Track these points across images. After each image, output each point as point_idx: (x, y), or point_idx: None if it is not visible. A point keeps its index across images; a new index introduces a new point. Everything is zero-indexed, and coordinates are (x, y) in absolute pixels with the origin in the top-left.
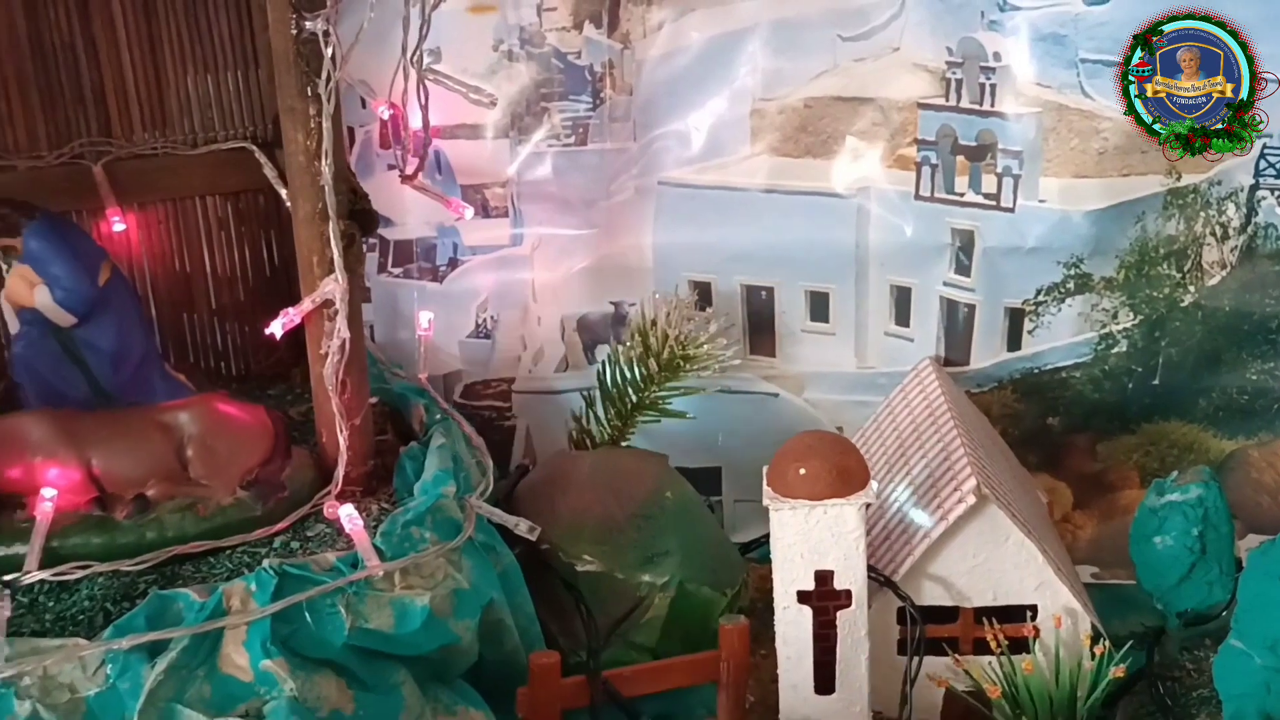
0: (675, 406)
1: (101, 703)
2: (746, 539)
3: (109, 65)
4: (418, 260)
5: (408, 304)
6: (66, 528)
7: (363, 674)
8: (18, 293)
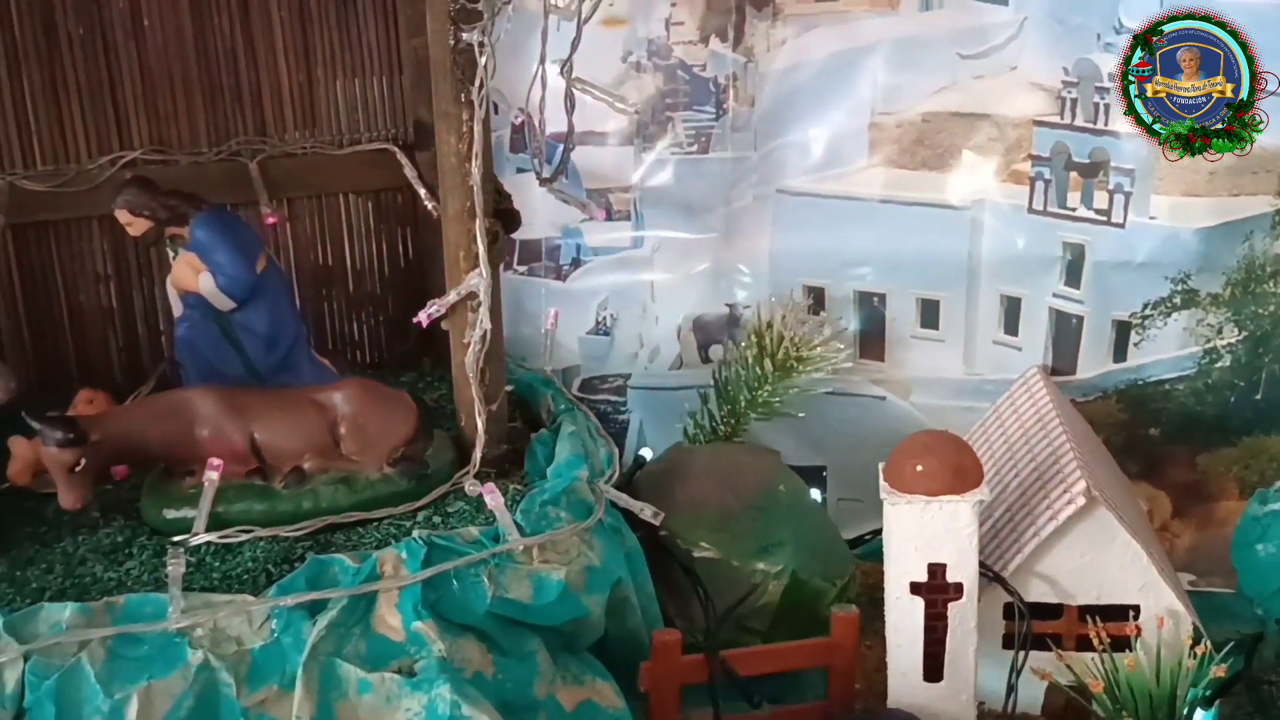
0: (786, 407)
1: (265, 655)
2: (850, 536)
3: (266, 69)
4: (543, 259)
5: (532, 300)
6: (230, 494)
7: (501, 640)
8: (183, 278)
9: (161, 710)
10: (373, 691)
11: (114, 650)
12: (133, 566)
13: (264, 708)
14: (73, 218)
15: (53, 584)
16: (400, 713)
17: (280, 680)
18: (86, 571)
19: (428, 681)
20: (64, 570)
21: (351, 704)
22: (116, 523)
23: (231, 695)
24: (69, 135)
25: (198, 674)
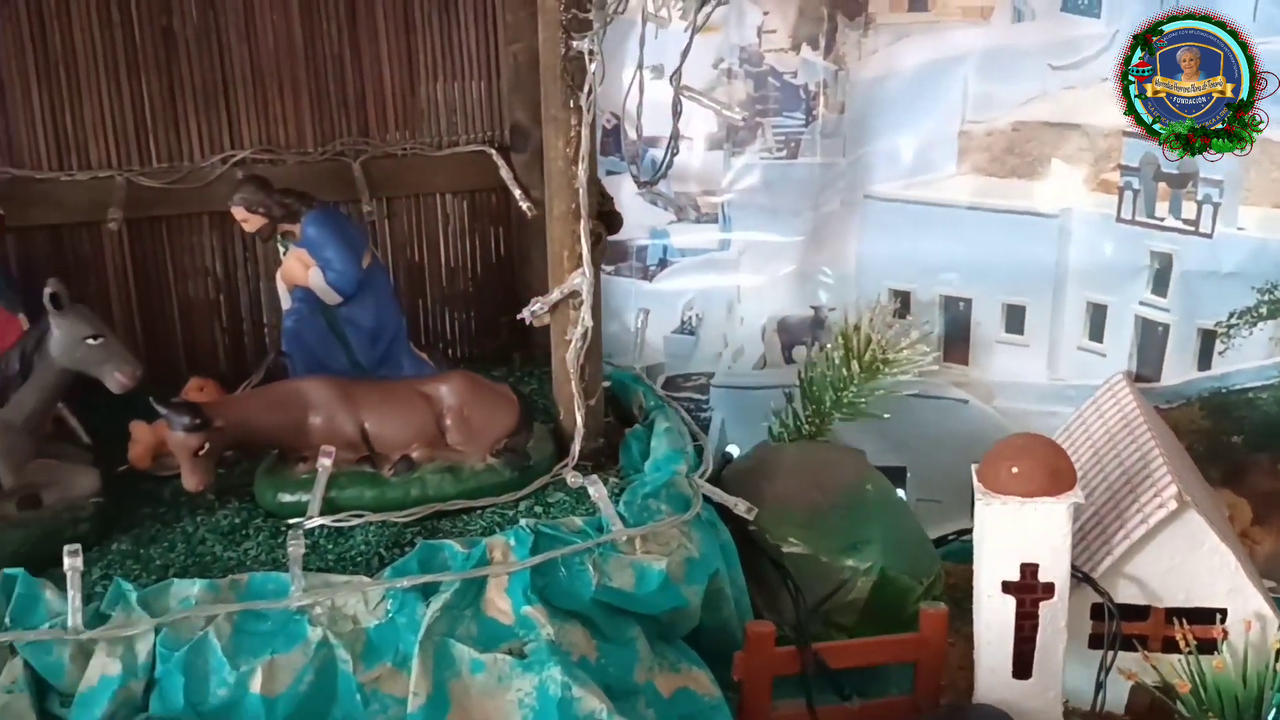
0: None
1: (380, 633)
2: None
3: (370, 73)
4: (630, 260)
5: (620, 300)
6: (342, 481)
7: (604, 627)
8: (293, 273)
9: (284, 683)
10: (485, 671)
11: (239, 625)
12: (250, 547)
13: (379, 684)
14: (184, 213)
15: (176, 561)
16: (511, 692)
17: (394, 658)
18: (207, 550)
19: (538, 663)
20: (185, 549)
21: (464, 683)
22: (232, 505)
23: (348, 671)
24: (183, 134)
25: (317, 650)
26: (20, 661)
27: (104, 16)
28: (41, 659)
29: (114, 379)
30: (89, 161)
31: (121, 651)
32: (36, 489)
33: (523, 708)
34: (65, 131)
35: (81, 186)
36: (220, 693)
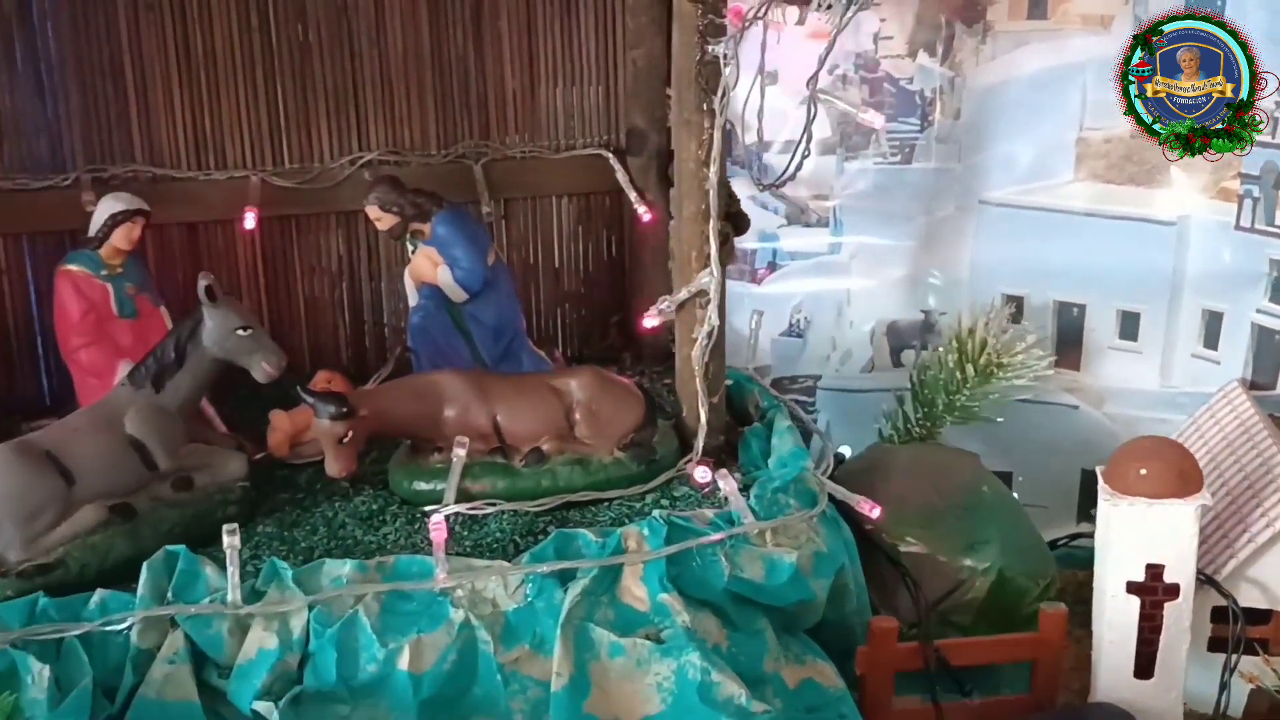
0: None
1: (519, 617)
2: None
3: (492, 77)
4: (739, 263)
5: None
6: (476, 471)
7: (734, 616)
8: (422, 270)
9: (429, 661)
10: (624, 655)
11: (386, 605)
12: (389, 532)
13: (518, 665)
14: (313, 213)
15: (319, 544)
16: (650, 676)
17: (531, 641)
18: (347, 534)
19: (676, 649)
20: (327, 532)
21: (603, 666)
22: (367, 492)
23: (489, 652)
24: (314, 136)
25: (460, 630)
26: (181, 634)
27: (243, 23)
28: (201, 632)
29: (261, 369)
30: (225, 161)
31: (278, 626)
32: (189, 472)
33: (661, 691)
34: (204, 133)
35: (218, 185)
36: (370, 668)
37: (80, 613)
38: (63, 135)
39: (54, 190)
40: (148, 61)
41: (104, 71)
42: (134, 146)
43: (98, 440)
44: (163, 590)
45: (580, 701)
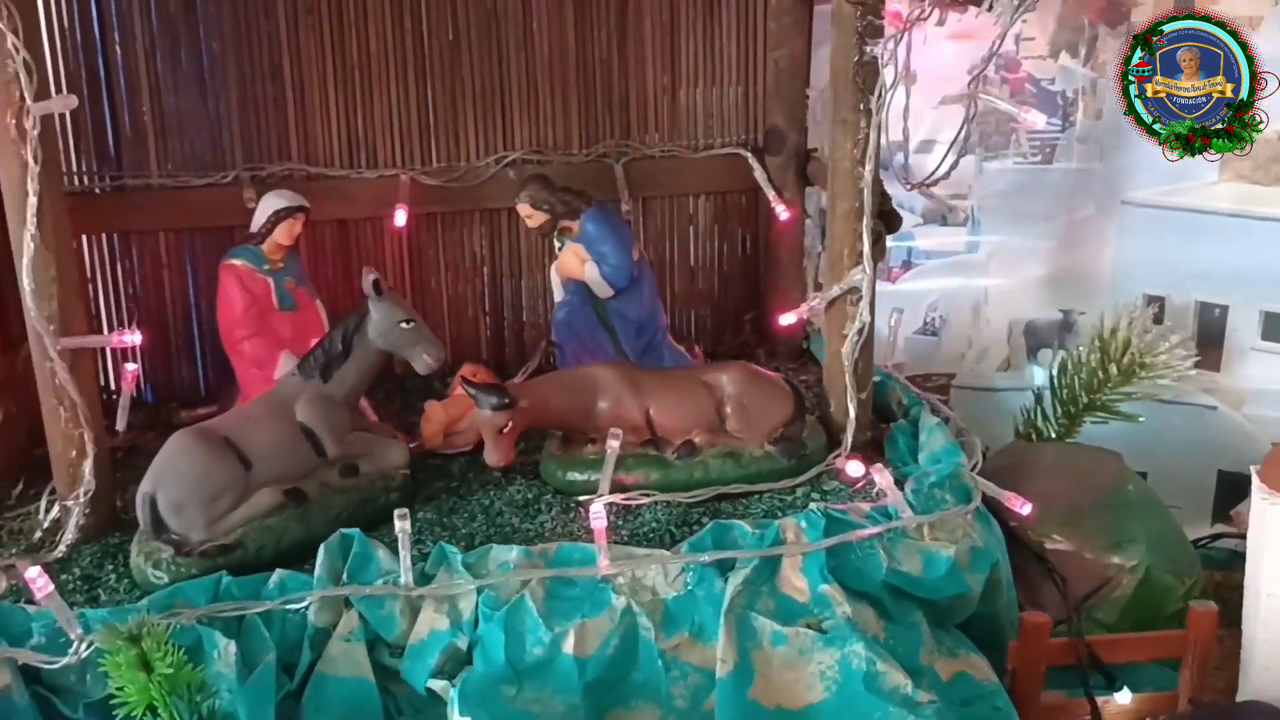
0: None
1: (678, 605)
2: None
3: (635, 77)
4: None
5: None
6: (630, 462)
7: (891, 609)
8: (569, 267)
9: (593, 646)
10: (787, 644)
11: (551, 590)
12: (545, 520)
13: (678, 652)
14: (458, 210)
15: (479, 531)
16: (812, 665)
17: (690, 629)
18: (505, 522)
19: (840, 639)
20: (485, 519)
21: (765, 654)
22: (519, 482)
23: (650, 638)
24: (462, 136)
25: (622, 617)
26: (356, 614)
27: (397, 26)
28: (374, 612)
29: (422, 360)
30: (376, 160)
31: (448, 609)
32: (355, 459)
33: (824, 679)
34: (357, 132)
35: (369, 184)
36: (536, 651)
37: (260, 591)
38: (223, 134)
39: (214, 188)
40: (305, 63)
41: (264, 73)
42: (290, 145)
43: (271, 427)
44: (338, 572)
45: (745, 689)
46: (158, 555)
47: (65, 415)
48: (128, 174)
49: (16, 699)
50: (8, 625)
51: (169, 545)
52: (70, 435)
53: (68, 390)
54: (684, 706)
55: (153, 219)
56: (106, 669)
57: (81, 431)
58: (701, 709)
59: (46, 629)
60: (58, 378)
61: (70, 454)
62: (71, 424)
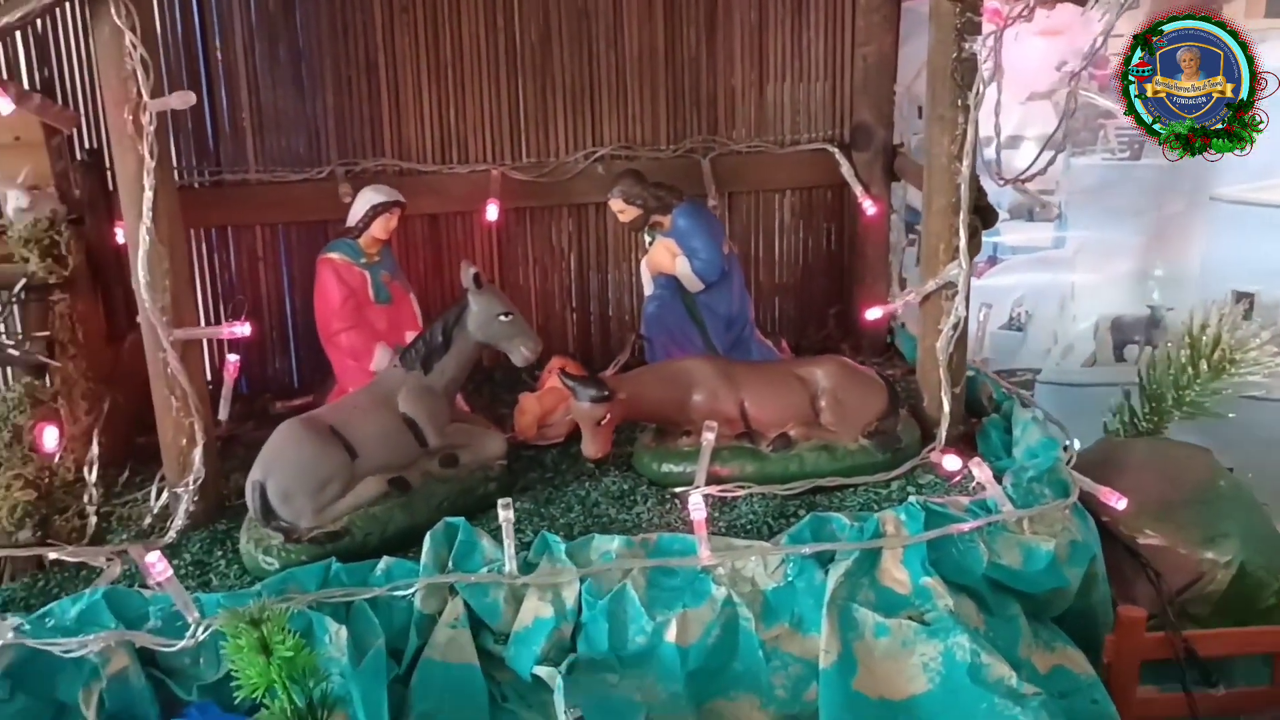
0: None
1: (777, 596)
2: None
3: (723, 74)
4: None
5: None
6: (725, 454)
7: (990, 602)
8: (660, 261)
9: (694, 635)
10: (889, 635)
11: (652, 580)
12: (641, 511)
13: (778, 642)
14: (547, 205)
15: (577, 521)
16: (915, 656)
17: (790, 620)
18: (601, 513)
19: (943, 630)
20: (582, 510)
21: (868, 645)
22: (613, 474)
23: (750, 629)
24: (552, 132)
25: (723, 607)
26: (460, 601)
27: (489, 24)
28: (479, 600)
29: (519, 353)
30: (468, 156)
31: (551, 597)
32: (455, 449)
33: (928, 671)
34: (449, 128)
35: (460, 179)
36: (639, 640)
37: (368, 578)
38: (319, 130)
39: (310, 183)
40: (400, 60)
41: (359, 70)
42: (384, 141)
43: (375, 418)
44: (443, 559)
45: (849, 680)
46: (267, 542)
47: (176, 404)
48: (226, 169)
49: (134, 680)
50: (124, 609)
51: (278, 532)
52: (181, 424)
53: (179, 380)
54: (784, 696)
55: (250, 213)
56: (228, 652)
57: (192, 420)
58: (802, 699)
59: (163, 612)
60: (170, 368)
61: (181, 442)
62: (182, 413)
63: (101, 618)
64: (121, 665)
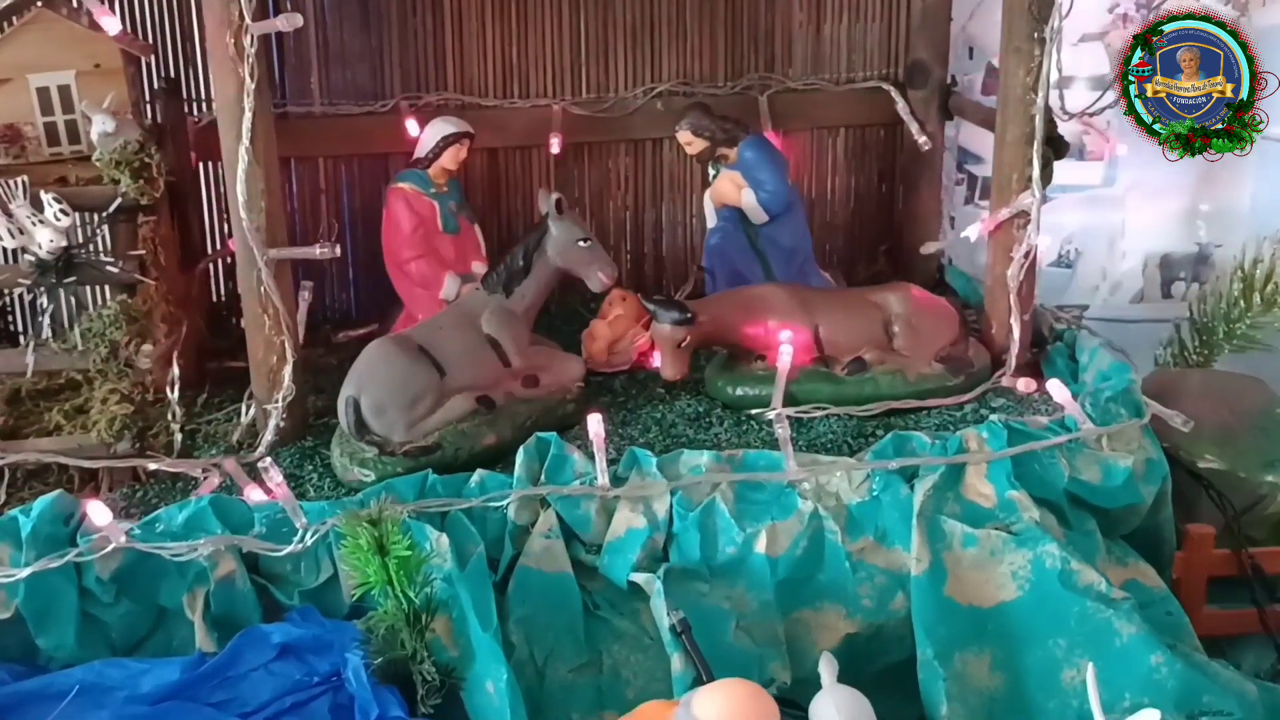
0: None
1: (862, 510)
2: None
3: (781, 12)
4: None
5: None
6: (801, 377)
7: (1070, 517)
8: (725, 193)
9: (783, 546)
10: (977, 545)
11: (740, 493)
12: (719, 432)
13: (863, 555)
14: (605, 140)
15: (656, 441)
16: (1004, 565)
17: (874, 533)
18: (679, 433)
19: (1031, 539)
20: (659, 431)
21: (956, 555)
22: (683, 398)
23: (836, 541)
24: (612, 68)
25: (809, 520)
26: (553, 513)
27: None
28: (571, 511)
29: (596, 278)
30: (529, 91)
31: (643, 509)
32: (536, 371)
33: (1016, 579)
34: (511, 63)
35: (521, 113)
36: (729, 550)
37: (462, 490)
38: (383, 64)
39: (373, 116)
40: None
41: (423, 4)
42: (447, 75)
43: (460, 337)
44: (535, 473)
45: (940, 587)
46: (362, 455)
47: (269, 322)
48: (291, 101)
49: (239, 585)
50: (229, 516)
51: (372, 446)
52: (271, 342)
53: (272, 298)
54: (870, 606)
55: (314, 145)
56: (345, 551)
57: (283, 339)
58: (888, 608)
59: (267, 519)
60: (263, 286)
61: (271, 360)
62: (274, 331)
63: (208, 524)
64: (229, 570)
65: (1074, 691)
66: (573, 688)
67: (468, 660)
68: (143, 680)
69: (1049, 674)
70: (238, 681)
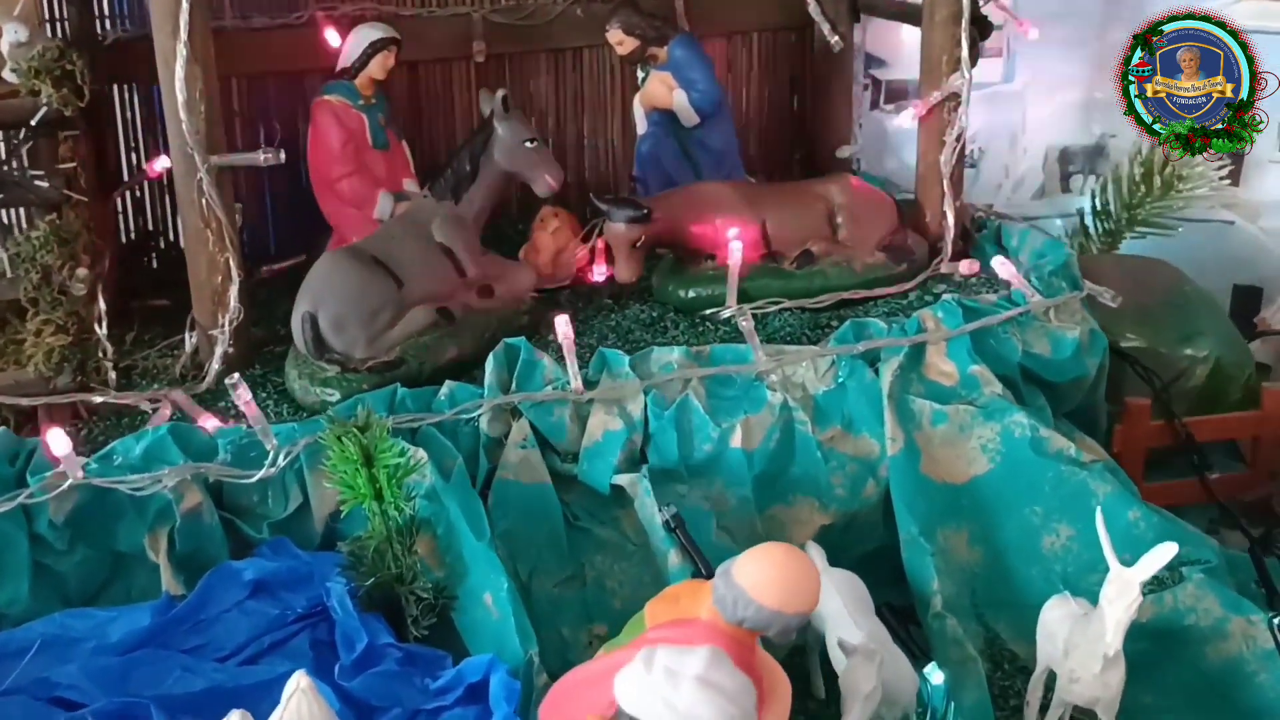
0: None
1: (828, 399)
2: None
3: None
4: (909, 97)
5: (896, 137)
6: (751, 274)
7: (1024, 393)
8: (655, 95)
9: (757, 439)
10: (946, 422)
11: (710, 390)
12: (676, 335)
13: (833, 443)
14: (525, 50)
15: (617, 347)
16: (973, 440)
17: (841, 421)
18: (638, 339)
19: (998, 411)
20: (617, 337)
21: (926, 435)
22: (633, 305)
23: (807, 431)
24: None
25: (780, 412)
26: (526, 422)
27: None
28: (544, 419)
29: (543, 181)
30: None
31: (618, 410)
32: (489, 280)
33: (986, 451)
34: None
35: (439, 23)
36: (705, 448)
37: (431, 403)
38: None
39: (286, 29)
40: None
41: None
42: None
43: (414, 247)
44: (505, 381)
45: (916, 465)
46: (323, 374)
47: (212, 238)
48: None
49: (206, 518)
50: (191, 445)
51: (332, 364)
52: (215, 260)
53: (215, 210)
54: (844, 495)
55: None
56: (331, 465)
57: (228, 256)
58: (860, 496)
59: (233, 445)
60: (205, 197)
61: (215, 280)
62: (217, 247)
63: (169, 454)
64: (195, 502)
65: (1055, 557)
66: (559, 602)
67: (458, 577)
68: (110, 629)
69: (1028, 542)
70: (211, 624)
